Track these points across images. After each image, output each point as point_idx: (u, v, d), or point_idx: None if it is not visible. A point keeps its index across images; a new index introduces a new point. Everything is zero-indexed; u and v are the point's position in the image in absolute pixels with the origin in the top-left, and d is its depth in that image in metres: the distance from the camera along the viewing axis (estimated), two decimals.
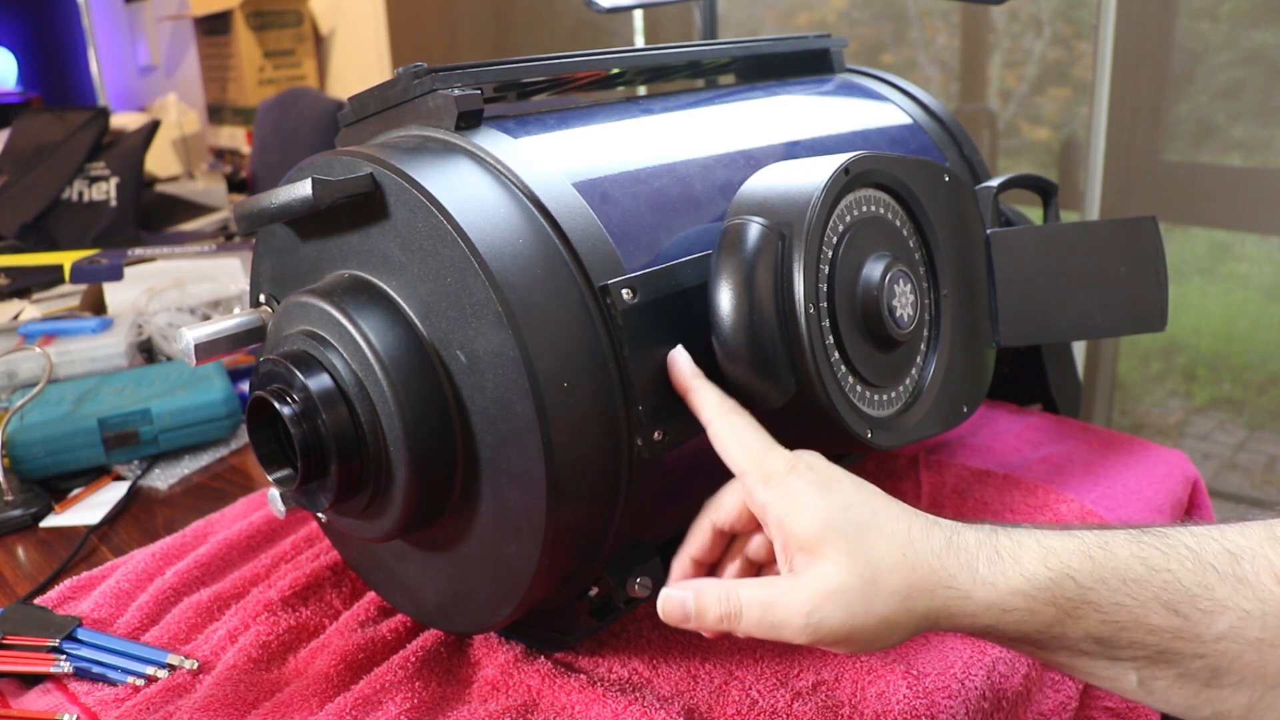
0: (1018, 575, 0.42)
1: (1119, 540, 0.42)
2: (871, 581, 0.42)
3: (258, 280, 0.62)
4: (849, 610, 0.42)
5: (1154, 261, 0.72)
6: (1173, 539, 0.42)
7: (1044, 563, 0.42)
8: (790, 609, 0.43)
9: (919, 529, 0.44)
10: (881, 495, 0.46)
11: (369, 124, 0.61)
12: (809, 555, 0.43)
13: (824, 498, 0.44)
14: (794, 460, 0.47)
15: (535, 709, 0.56)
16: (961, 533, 0.44)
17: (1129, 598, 0.41)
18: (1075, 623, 0.42)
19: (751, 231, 0.54)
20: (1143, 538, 0.42)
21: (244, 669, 0.60)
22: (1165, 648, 0.41)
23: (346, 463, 0.51)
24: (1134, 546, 0.42)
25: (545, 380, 0.48)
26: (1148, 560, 0.41)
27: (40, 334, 1.09)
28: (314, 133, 1.84)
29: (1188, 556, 0.41)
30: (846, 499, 0.44)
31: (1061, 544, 0.42)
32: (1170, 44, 1.16)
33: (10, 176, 1.74)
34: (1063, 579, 0.41)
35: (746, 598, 0.44)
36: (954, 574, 0.42)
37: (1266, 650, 0.39)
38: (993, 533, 0.44)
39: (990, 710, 0.57)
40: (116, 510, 0.85)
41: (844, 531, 0.43)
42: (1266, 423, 1.25)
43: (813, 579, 0.43)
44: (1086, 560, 0.42)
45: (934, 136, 0.79)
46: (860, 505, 0.44)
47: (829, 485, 0.45)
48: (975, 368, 0.67)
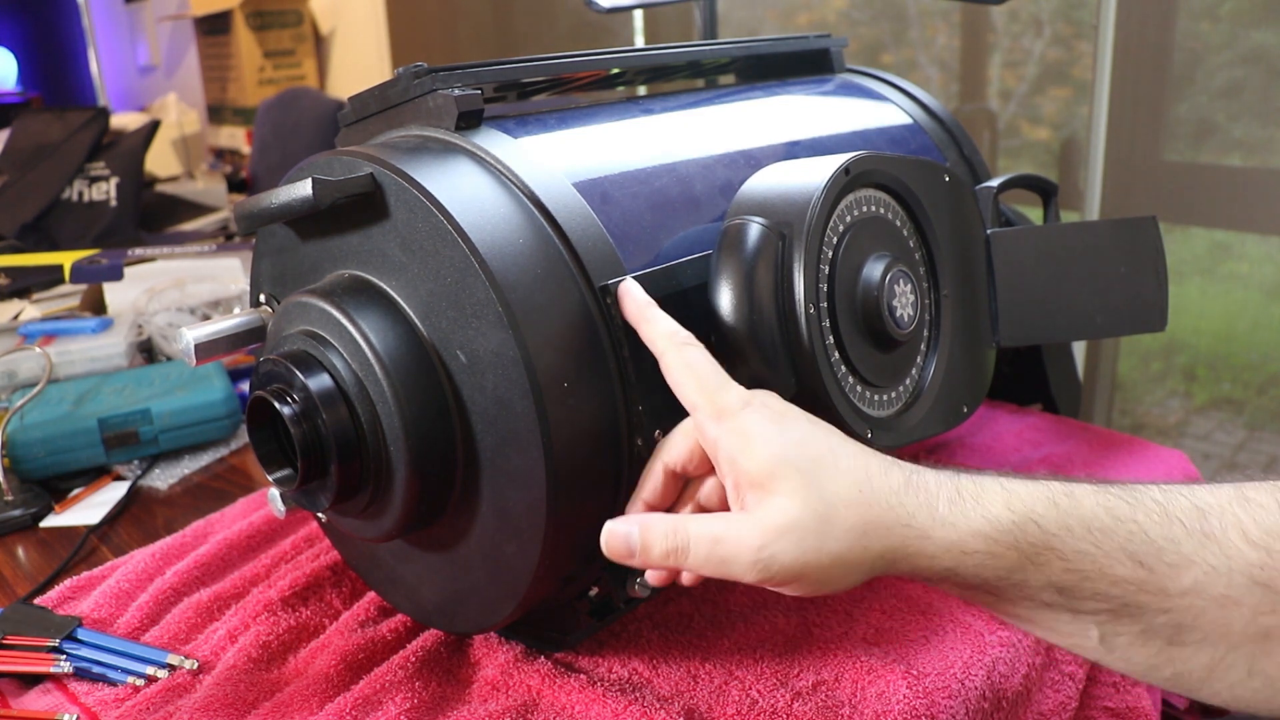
0: (979, 516, 0.41)
1: (1085, 490, 0.41)
2: (825, 517, 0.41)
3: (258, 280, 0.62)
4: (801, 546, 0.41)
5: (1154, 261, 0.72)
6: (1140, 493, 0.41)
7: (1007, 505, 0.41)
8: (740, 544, 0.41)
9: (877, 466, 0.42)
10: (839, 433, 0.44)
11: (369, 124, 0.61)
12: (761, 491, 0.42)
13: (778, 432, 0.43)
14: (749, 396, 0.45)
15: (535, 709, 0.56)
16: (921, 473, 0.43)
17: (1093, 546, 0.40)
18: (1037, 569, 0.40)
19: (751, 231, 0.54)
20: (1109, 489, 0.41)
21: (244, 669, 0.60)
22: (1129, 600, 0.40)
23: (346, 463, 0.51)
24: (1100, 496, 0.41)
25: (545, 380, 0.48)
26: (1114, 510, 0.40)
27: (40, 334, 1.09)
28: (314, 133, 1.84)
29: (1155, 509, 0.40)
30: (801, 434, 0.43)
31: (1025, 489, 0.41)
32: (1170, 44, 1.16)
33: (10, 176, 1.74)
34: (1026, 522, 0.40)
35: (695, 532, 0.43)
36: (912, 512, 0.41)
37: (1230, 607, 0.39)
38: (954, 475, 0.43)
39: (990, 710, 0.57)
40: (116, 510, 0.85)
41: (798, 466, 0.42)
42: (1266, 423, 1.25)
43: (764, 514, 0.41)
44: (1051, 506, 0.40)
45: (934, 136, 0.79)
46: (816, 441, 0.43)
47: (783, 420, 0.44)
48: (975, 368, 0.67)
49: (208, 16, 2.41)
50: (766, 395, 0.46)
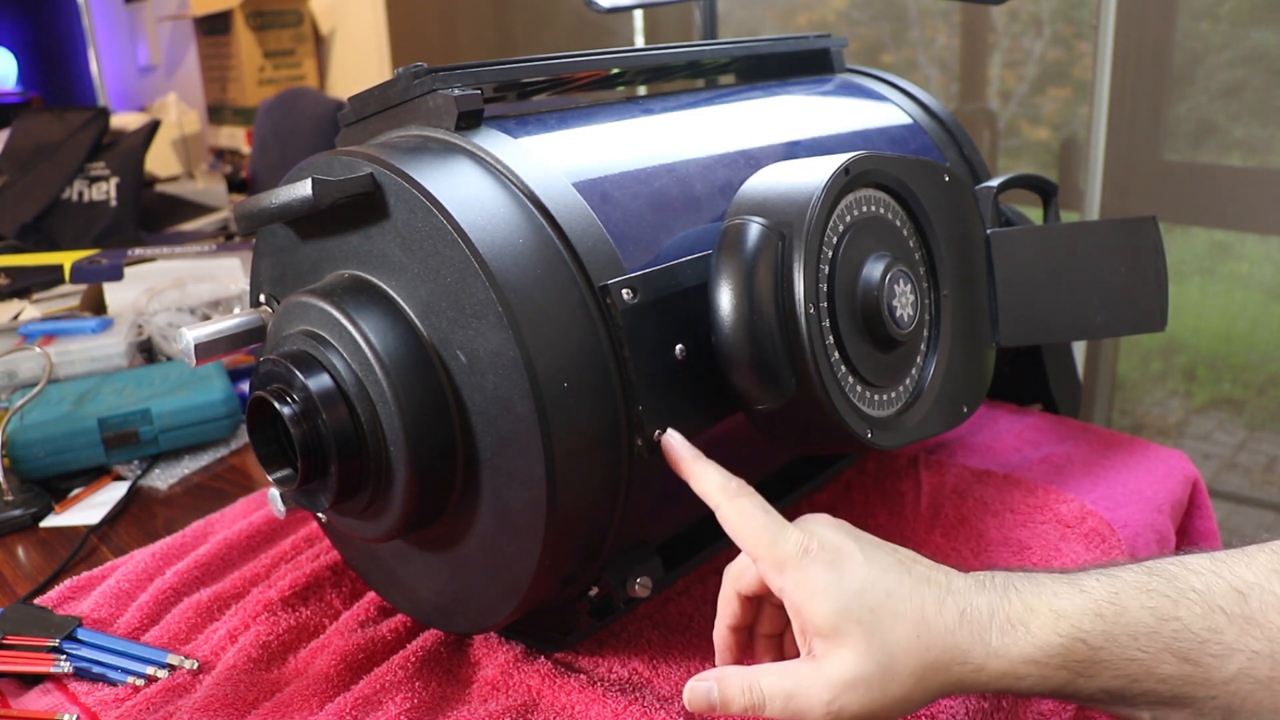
0: (1029, 644, 0.43)
1: (1128, 592, 0.43)
2: (888, 668, 0.43)
3: (258, 280, 0.62)
4: (868, 696, 0.43)
5: (1154, 261, 0.72)
6: (1181, 583, 0.42)
7: (1055, 629, 0.43)
8: (811, 699, 0.44)
9: (932, 605, 0.44)
10: (895, 568, 0.46)
11: (369, 124, 0.61)
12: (826, 642, 0.44)
13: (837, 583, 0.45)
14: (805, 541, 0.47)
15: (535, 709, 0.56)
16: (974, 601, 0.44)
17: (1140, 651, 0.42)
18: (1088, 681, 0.43)
19: (751, 231, 0.54)
20: (1151, 584, 0.43)
21: (244, 669, 0.60)
22: (1177, 693, 0.42)
23: (346, 463, 0.51)
24: (1143, 598, 0.42)
25: (545, 380, 0.48)
26: (1157, 610, 0.42)
27: (40, 334, 1.09)
28: (314, 133, 1.84)
29: (1196, 601, 0.42)
30: (860, 582, 0.45)
31: (1072, 604, 0.43)
32: (1170, 44, 1.16)
33: (10, 176, 1.74)
34: (1074, 643, 0.42)
35: (769, 689, 0.45)
36: (967, 650, 0.43)
37: (1276, 688, 0.40)
38: (1004, 594, 0.44)
39: (990, 710, 0.57)
40: (116, 510, 0.85)
41: (859, 619, 0.44)
42: (1266, 423, 1.25)
43: (831, 668, 0.44)
44: (1097, 620, 0.42)
45: (934, 136, 0.79)
46: (873, 588, 0.45)
47: (841, 566, 0.46)
48: (975, 368, 0.67)
49: (208, 16, 2.41)
50: (822, 530, 0.48)
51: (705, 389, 0.55)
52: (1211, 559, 0.43)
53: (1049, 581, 0.44)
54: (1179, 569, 0.43)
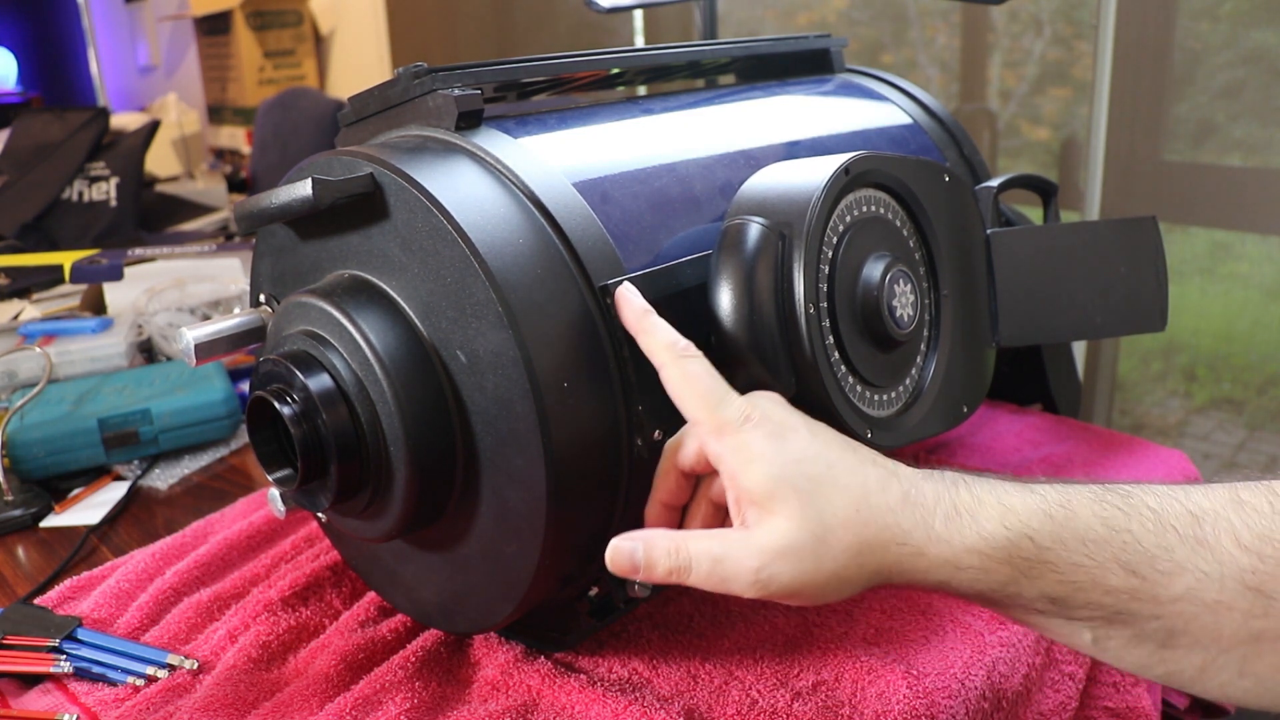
0: (974, 534, 0.41)
1: (1081, 499, 0.41)
2: (822, 539, 0.42)
3: (258, 280, 0.62)
4: (798, 567, 0.42)
5: (1154, 261, 0.72)
6: (1135, 499, 0.41)
7: (1002, 521, 0.41)
8: (739, 565, 0.42)
9: (875, 482, 0.43)
10: (839, 444, 0.45)
11: (369, 124, 0.61)
12: (760, 510, 0.43)
13: (777, 450, 0.43)
14: (748, 408, 0.45)
15: (535, 709, 0.56)
16: (919, 486, 0.43)
17: (1087, 558, 0.40)
18: (1031, 582, 0.41)
19: (751, 231, 0.54)
20: (1106, 496, 0.41)
21: (244, 669, 0.60)
22: (1121, 608, 0.40)
23: (346, 463, 0.51)
24: (1096, 506, 0.41)
25: (545, 380, 0.48)
26: (1109, 520, 0.41)
27: (40, 334, 1.09)
28: (314, 133, 1.84)
29: (1149, 517, 0.40)
30: (801, 451, 0.43)
31: (1022, 501, 0.42)
32: (1170, 44, 1.16)
33: (10, 176, 1.74)
34: (1020, 539, 0.41)
35: (695, 551, 0.44)
36: (908, 530, 0.42)
37: (1222, 613, 0.39)
38: (953, 485, 0.43)
39: (990, 710, 0.57)
40: (116, 510, 0.85)
41: (796, 486, 0.42)
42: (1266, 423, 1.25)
43: (762, 535, 0.42)
44: (1046, 519, 0.41)
45: (934, 136, 0.79)
46: (815, 459, 0.43)
47: (783, 436, 0.44)
48: (975, 368, 0.67)
49: (208, 16, 2.41)
50: (768, 404, 0.46)
51: None
52: (1170, 488, 0.42)
53: (1000, 481, 0.43)
54: (1135, 489, 0.42)
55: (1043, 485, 0.43)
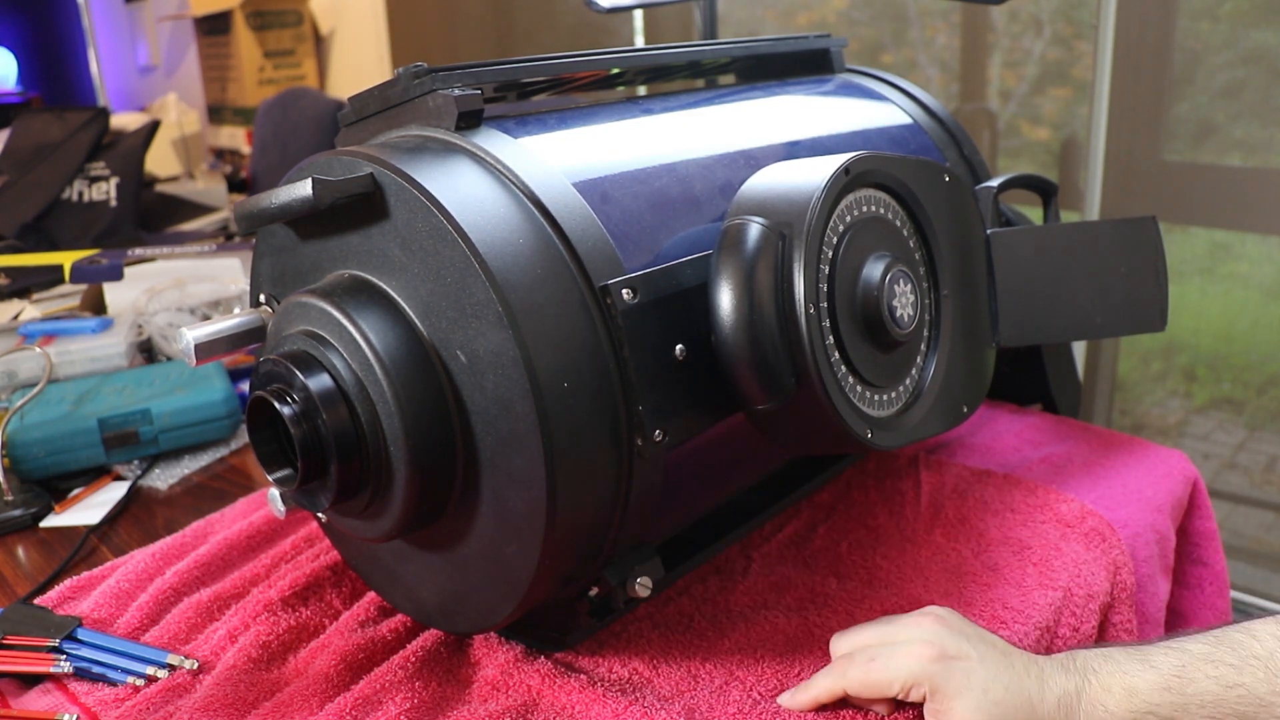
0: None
1: (1194, 664, 0.47)
2: None
3: (258, 280, 0.62)
4: None
5: (1154, 261, 0.72)
6: (1244, 650, 0.47)
7: (1129, 706, 0.48)
8: None
9: (1036, 695, 0.50)
10: (1001, 664, 0.52)
11: (369, 124, 0.61)
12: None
13: (977, 697, 0.51)
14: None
15: (535, 709, 0.56)
16: (1064, 685, 0.50)
17: (1208, 718, 0.46)
18: None
19: (752, 231, 0.54)
20: (1216, 654, 0.47)
21: (244, 669, 0.60)
22: None
23: (346, 463, 0.51)
24: (1208, 668, 0.47)
25: (545, 380, 0.48)
26: (1222, 679, 0.46)
27: (40, 334, 1.09)
28: (314, 133, 1.84)
29: (1258, 666, 0.46)
30: (990, 691, 0.51)
31: (1142, 680, 0.48)
32: (1170, 44, 1.16)
33: (10, 176, 1.74)
34: (1145, 717, 0.47)
35: None
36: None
37: None
38: (1085, 679, 0.50)
39: None
40: (116, 510, 0.85)
41: (990, 715, 0.50)
42: (1266, 423, 1.25)
43: None
44: (1165, 693, 0.47)
45: (934, 136, 0.79)
46: (998, 692, 0.50)
47: (969, 674, 0.51)
48: (975, 368, 0.67)
49: (208, 16, 2.41)
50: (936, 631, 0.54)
51: (705, 389, 0.55)
52: (1278, 624, 0.47)
53: (1122, 659, 0.50)
54: (1245, 637, 0.48)
55: (1159, 654, 0.49)
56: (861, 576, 0.67)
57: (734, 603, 0.65)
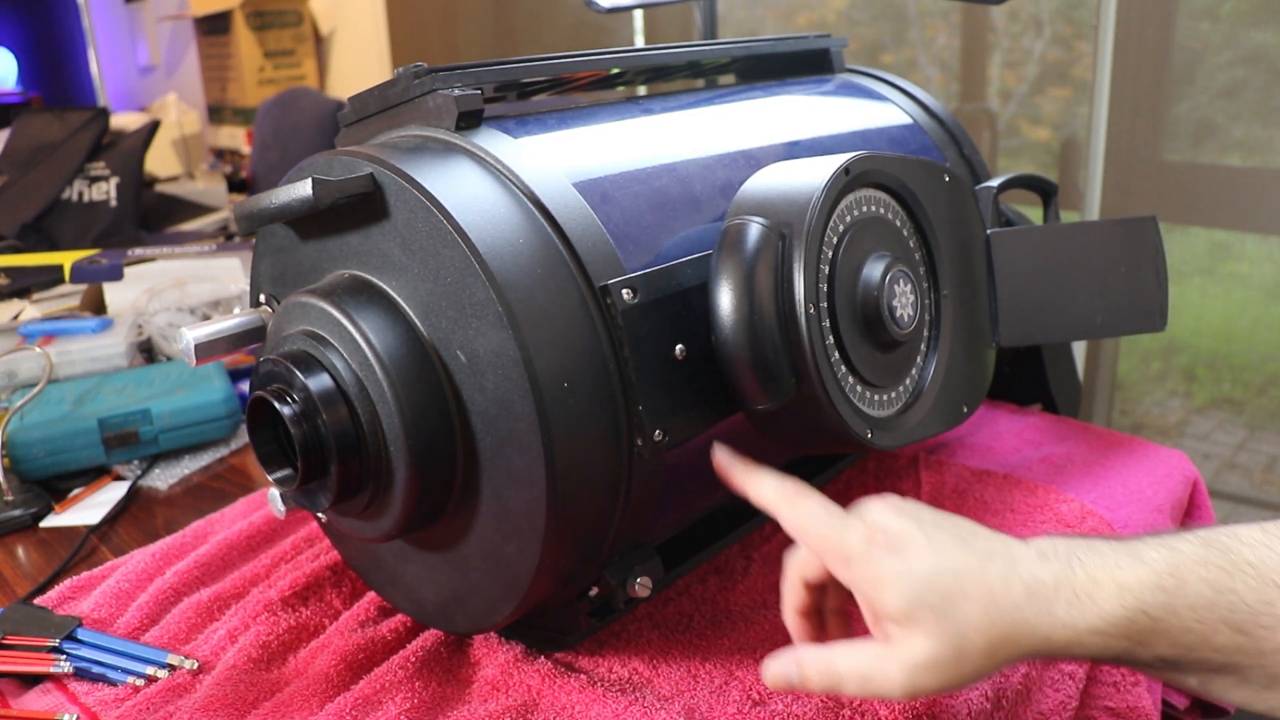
0: (1095, 616, 0.44)
1: (1188, 565, 0.45)
2: (960, 648, 0.45)
3: (258, 280, 0.62)
4: (943, 676, 0.45)
5: (1154, 261, 0.72)
6: (1236, 555, 0.44)
7: (1119, 601, 0.44)
8: (888, 679, 0.46)
9: (999, 582, 0.46)
10: (957, 546, 0.47)
11: (369, 124, 0.61)
12: (900, 628, 0.46)
13: (905, 572, 0.46)
14: (869, 533, 0.47)
15: (535, 709, 0.56)
16: (1038, 574, 0.46)
17: (1197, 623, 0.43)
18: (1145, 649, 0.44)
19: (752, 231, 0.54)
20: (1208, 557, 0.44)
21: (244, 669, 0.60)
22: (1228, 661, 0.43)
23: (346, 463, 0.51)
24: (1201, 570, 0.44)
25: (545, 380, 0.48)
26: (1215, 583, 0.44)
27: (40, 334, 1.09)
28: (314, 133, 1.84)
29: (1250, 574, 0.43)
30: (927, 568, 0.46)
31: (1135, 577, 0.45)
32: (1170, 44, 1.16)
33: (10, 176, 1.74)
34: (1137, 615, 0.44)
35: (845, 670, 0.47)
36: (1034, 624, 0.45)
37: None
38: (1069, 566, 0.46)
39: (990, 710, 0.57)
40: (116, 510, 0.85)
41: (930, 605, 0.45)
42: (1266, 423, 1.25)
43: (906, 652, 0.45)
44: (1159, 592, 0.44)
45: (934, 136, 0.79)
46: (941, 572, 0.46)
47: (907, 552, 0.47)
48: (975, 368, 0.67)
49: (208, 16, 2.41)
50: (882, 514, 0.48)
51: (705, 389, 0.55)
52: (1262, 531, 0.45)
53: (1110, 552, 0.46)
54: (1232, 540, 0.45)
55: (1149, 549, 0.45)
56: None
57: (734, 603, 0.65)
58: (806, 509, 0.49)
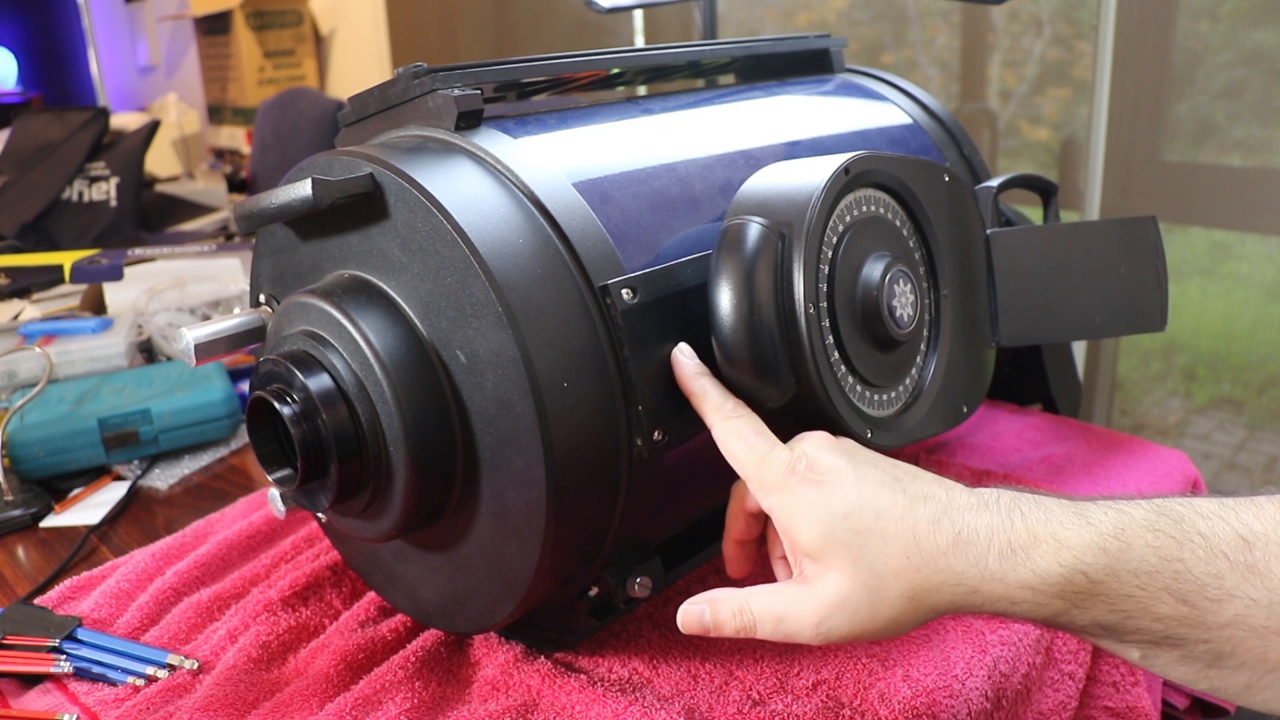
0: (1029, 571, 0.42)
1: (1134, 529, 0.42)
2: (876, 589, 0.43)
3: (258, 280, 0.62)
4: (855, 618, 0.43)
5: (1154, 261, 0.72)
6: (1187, 525, 0.41)
7: (1057, 559, 0.42)
8: (800, 620, 0.44)
9: (925, 526, 0.43)
10: (887, 486, 0.45)
11: (369, 124, 0.61)
12: (814, 563, 0.44)
13: (823, 504, 0.44)
14: (793, 461, 0.46)
15: (535, 709, 0.56)
16: (972, 522, 0.43)
17: (1139, 589, 0.41)
18: (1083, 612, 0.42)
19: (751, 231, 0.54)
20: (1159, 524, 0.42)
21: (244, 669, 0.60)
22: (1170, 633, 0.41)
23: (346, 463, 0.51)
24: (1148, 536, 0.41)
25: (545, 380, 0.48)
26: (1161, 550, 0.41)
27: (40, 334, 1.09)
28: (314, 133, 1.84)
29: (1200, 544, 0.41)
30: (847, 503, 0.44)
31: (1077, 535, 0.42)
32: (1170, 44, 1.16)
33: (10, 176, 1.74)
34: (1074, 574, 0.41)
35: (759, 611, 0.46)
36: (960, 572, 0.43)
37: (1270, 637, 0.39)
38: (1008, 518, 0.43)
39: (990, 710, 0.57)
40: (116, 510, 0.85)
41: (845, 541, 0.43)
42: (1266, 423, 1.25)
43: (818, 590, 0.44)
44: (1100, 554, 0.41)
45: (934, 136, 0.79)
46: (861, 509, 0.44)
47: (829, 487, 0.45)
48: (975, 368, 0.67)
49: (208, 16, 2.41)
50: (814, 448, 0.47)
51: None
52: (1220, 504, 0.42)
53: (1056, 509, 0.43)
54: (1187, 510, 0.42)
55: (1098, 510, 0.43)
56: None
57: None
58: (738, 427, 0.48)
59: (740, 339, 0.53)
